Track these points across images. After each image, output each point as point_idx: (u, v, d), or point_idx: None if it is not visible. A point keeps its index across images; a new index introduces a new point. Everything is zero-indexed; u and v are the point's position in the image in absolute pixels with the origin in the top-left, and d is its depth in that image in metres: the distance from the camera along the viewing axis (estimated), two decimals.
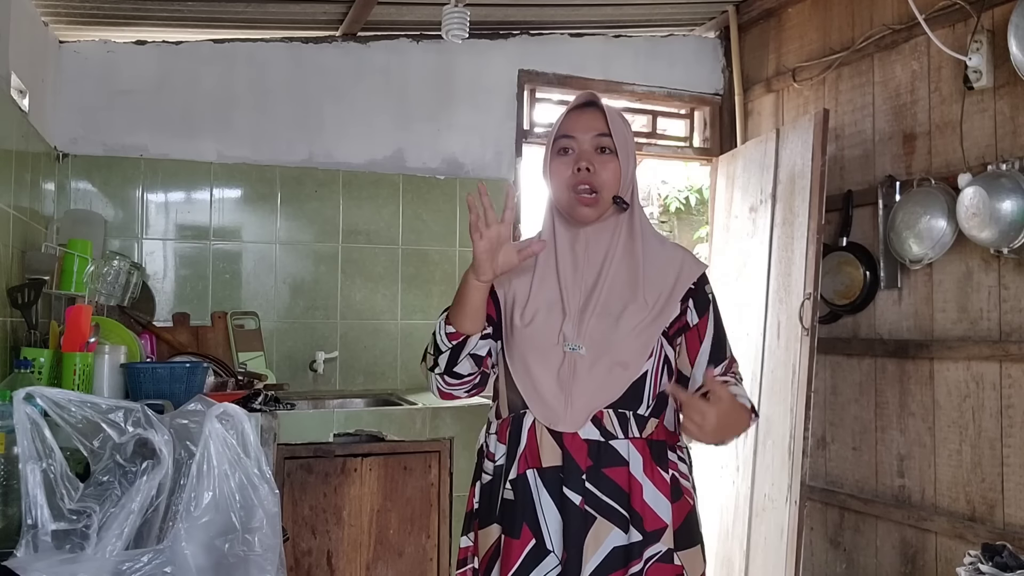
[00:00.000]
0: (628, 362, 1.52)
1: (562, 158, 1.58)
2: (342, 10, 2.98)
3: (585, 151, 1.56)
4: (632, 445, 1.51)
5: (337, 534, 2.44)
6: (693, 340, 1.59)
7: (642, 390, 1.53)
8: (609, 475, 1.50)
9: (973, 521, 2.59)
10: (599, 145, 1.56)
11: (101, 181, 2.91)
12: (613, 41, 3.62)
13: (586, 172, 1.54)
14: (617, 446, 1.51)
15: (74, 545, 1.24)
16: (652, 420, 1.54)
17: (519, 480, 1.53)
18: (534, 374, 1.54)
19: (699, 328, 1.59)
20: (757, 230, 3.28)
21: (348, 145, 3.22)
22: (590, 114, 1.59)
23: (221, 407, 1.41)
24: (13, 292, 2.13)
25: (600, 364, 1.51)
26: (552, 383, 1.52)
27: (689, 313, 1.58)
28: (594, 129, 1.57)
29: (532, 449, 1.53)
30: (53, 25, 2.79)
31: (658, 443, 1.54)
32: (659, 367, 1.56)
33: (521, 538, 1.51)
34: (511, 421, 1.58)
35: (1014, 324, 2.50)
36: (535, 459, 1.53)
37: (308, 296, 3.13)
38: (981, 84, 2.55)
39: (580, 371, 1.51)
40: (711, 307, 1.61)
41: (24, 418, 1.23)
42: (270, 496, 1.39)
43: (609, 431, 1.51)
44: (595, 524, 1.49)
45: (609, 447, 1.51)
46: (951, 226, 2.61)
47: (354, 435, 2.47)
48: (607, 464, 1.50)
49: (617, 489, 1.49)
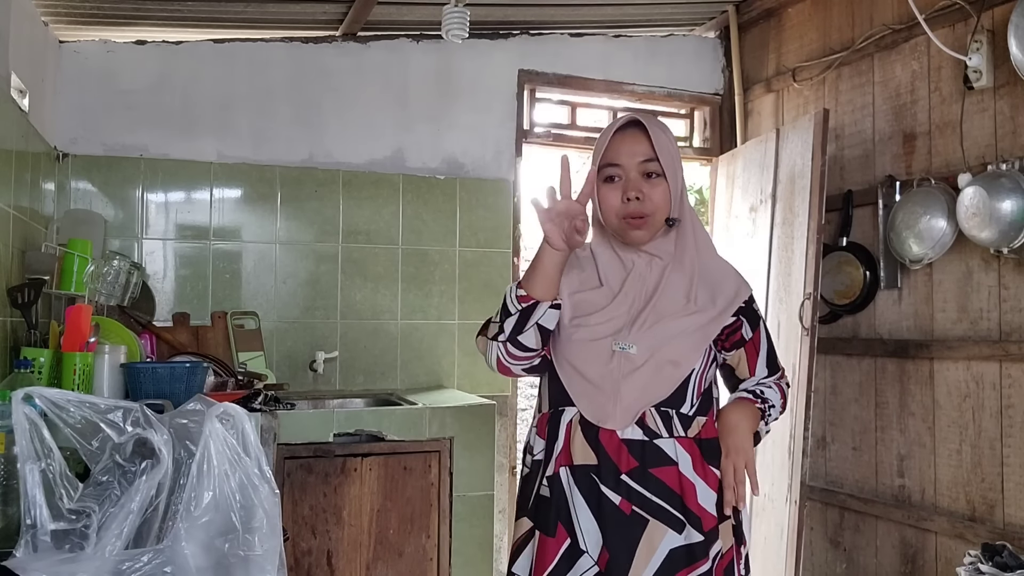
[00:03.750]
0: (679, 360, 1.53)
1: (610, 185, 1.58)
2: (342, 10, 2.98)
3: (632, 179, 1.56)
4: (679, 444, 1.52)
5: (337, 534, 2.44)
6: (751, 352, 1.64)
7: (686, 389, 1.54)
8: (658, 475, 1.49)
9: (973, 521, 2.59)
10: (646, 171, 1.55)
11: (101, 181, 2.91)
12: (613, 41, 3.62)
13: (636, 202, 1.54)
14: (663, 445, 1.51)
15: (73, 545, 1.24)
16: (699, 419, 1.55)
17: (554, 478, 1.54)
18: (583, 371, 1.55)
19: (754, 342, 1.64)
20: (757, 230, 3.28)
21: (348, 145, 3.22)
22: (633, 137, 1.57)
23: (221, 407, 1.41)
24: (13, 292, 2.13)
25: (650, 362, 1.52)
26: (601, 380, 1.53)
27: (744, 328, 1.62)
28: (640, 155, 1.55)
29: (566, 446, 1.54)
30: (53, 25, 2.79)
31: (709, 442, 1.55)
32: (706, 368, 1.58)
33: (556, 536, 1.51)
34: (550, 416, 1.59)
35: (1014, 324, 2.50)
36: (567, 457, 1.54)
37: (308, 296, 3.13)
38: (981, 84, 2.55)
39: (629, 369, 1.52)
40: (761, 323, 1.67)
41: (23, 418, 1.23)
42: (270, 496, 1.39)
43: (653, 430, 1.51)
44: (648, 527, 1.48)
45: (654, 446, 1.51)
46: (951, 226, 2.61)
47: (354, 435, 2.47)
48: (654, 464, 1.50)
49: (667, 490, 1.49)
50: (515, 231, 3.43)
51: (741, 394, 1.63)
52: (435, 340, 3.28)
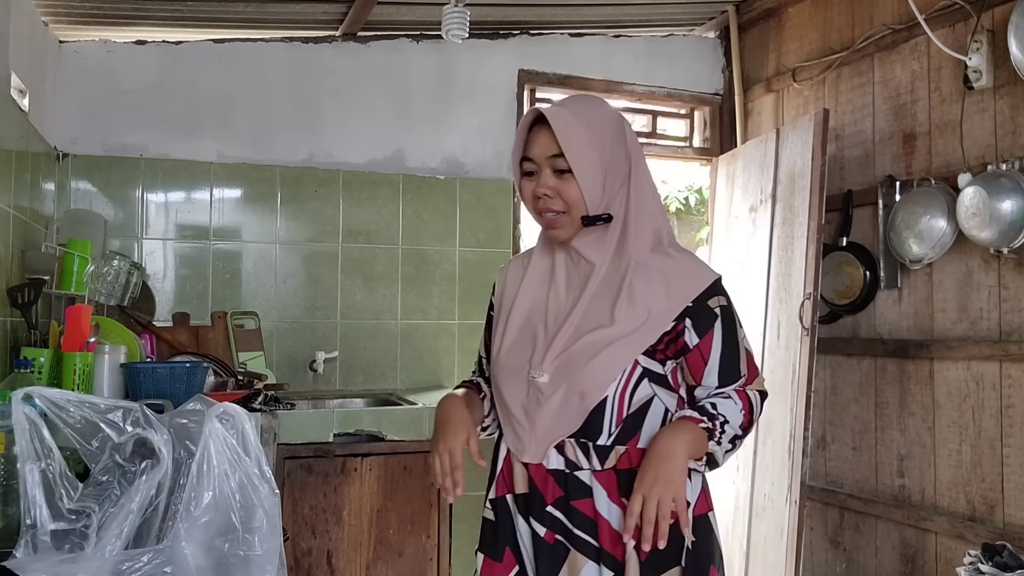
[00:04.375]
0: (586, 391, 1.42)
1: (527, 180, 1.50)
2: (342, 10, 2.98)
3: (544, 175, 1.47)
4: (595, 477, 1.44)
5: (337, 534, 2.44)
6: (696, 362, 1.46)
7: (601, 419, 1.43)
8: (577, 507, 1.44)
9: (973, 521, 2.59)
10: (555, 167, 1.45)
11: (101, 181, 2.91)
12: (613, 41, 3.62)
13: (545, 198, 1.47)
14: (582, 477, 1.45)
15: (73, 545, 1.24)
16: (617, 448, 1.44)
17: (499, 502, 1.52)
18: (506, 401, 1.51)
19: (701, 349, 1.45)
20: (757, 230, 3.28)
21: (348, 145, 3.22)
22: (543, 132, 1.46)
23: (221, 407, 1.41)
24: (13, 292, 2.13)
25: (559, 393, 1.44)
26: (519, 411, 1.48)
27: (687, 333, 1.44)
28: (547, 150, 1.45)
29: (507, 472, 1.52)
30: (53, 25, 2.79)
31: (630, 472, 1.41)
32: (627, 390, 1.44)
33: (504, 562, 1.50)
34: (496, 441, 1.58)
35: (1014, 324, 2.50)
36: (510, 484, 1.52)
37: (308, 296, 3.13)
38: (981, 84, 2.55)
39: (540, 400, 1.46)
40: (718, 323, 1.46)
41: (22, 418, 1.23)
42: (270, 496, 1.39)
43: (573, 461, 1.45)
44: (569, 556, 1.44)
45: (575, 478, 1.45)
46: (951, 226, 2.60)
47: (354, 435, 2.47)
48: (575, 496, 1.44)
49: (587, 520, 1.44)
50: (515, 231, 3.43)
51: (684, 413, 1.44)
52: (435, 340, 3.28)
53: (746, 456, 3.16)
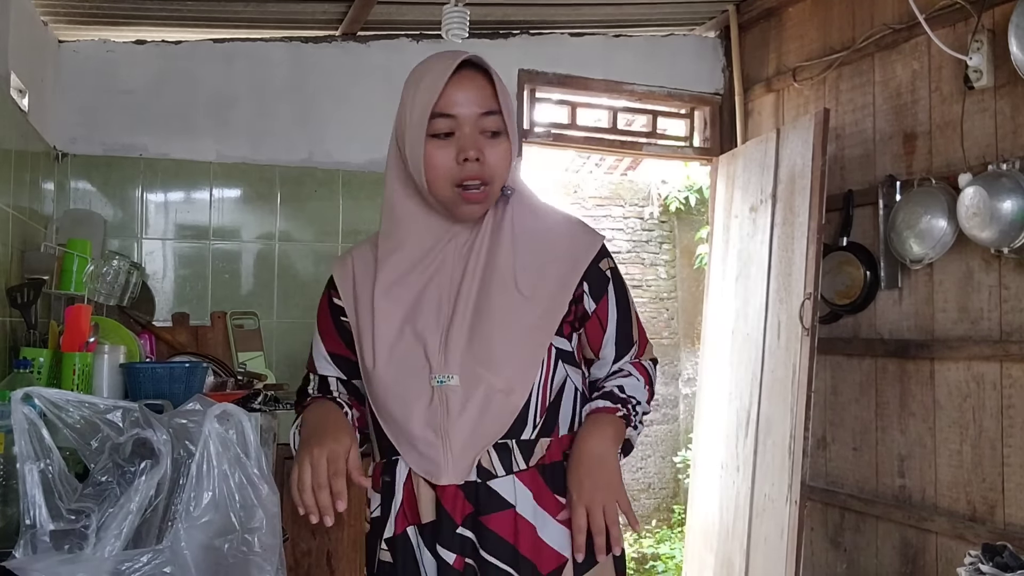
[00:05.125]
0: (512, 386, 1.22)
1: (440, 142, 1.23)
2: (342, 10, 2.98)
3: (469, 135, 1.22)
4: (518, 481, 1.23)
5: (337, 534, 2.43)
6: (595, 329, 1.32)
7: (527, 412, 1.24)
8: (488, 524, 1.22)
9: (973, 521, 2.59)
10: (486, 128, 1.23)
11: (100, 181, 2.90)
12: (613, 41, 3.62)
13: (475, 164, 1.21)
14: (498, 487, 1.23)
15: (73, 545, 1.23)
16: (542, 441, 1.26)
17: (398, 540, 1.29)
18: (401, 418, 1.25)
19: (599, 315, 1.31)
20: (757, 230, 3.28)
21: (348, 145, 3.22)
22: (473, 81, 1.24)
23: (221, 407, 1.41)
24: (12, 292, 2.13)
25: (476, 396, 1.22)
26: (423, 428, 1.23)
27: (586, 299, 1.29)
28: (480, 105, 1.22)
29: (410, 502, 1.27)
30: (53, 25, 2.79)
31: (554, 466, 1.26)
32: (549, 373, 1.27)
33: None
34: (383, 467, 1.33)
35: (1014, 324, 2.50)
36: (414, 514, 1.27)
37: (308, 296, 3.13)
38: (981, 84, 2.55)
39: (454, 408, 1.22)
40: (610, 286, 1.32)
41: (21, 418, 1.23)
42: (270, 496, 1.38)
43: (488, 470, 1.23)
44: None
45: (488, 489, 1.23)
46: (951, 226, 2.60)
47: None
48: (487, 510, 1.22)
49: (498, 541, 1.22)
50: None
51: (596, 404, 1.29)
52: None
53: (746, 456, 3.16)
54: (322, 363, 1.40)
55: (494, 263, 1.26)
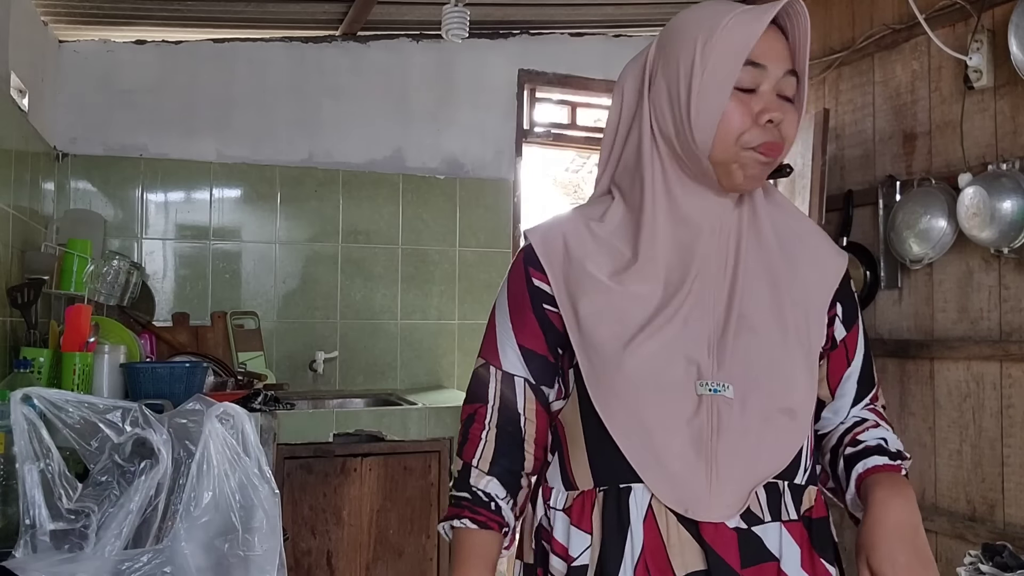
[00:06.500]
0: (796, 408, 1.01)
1: (743, 97, 1.00)
2: (342, 10, 2.98)
3: (770, 93, 1.03)
4: (785, 530, 1.01)
5: (337, 534, 2.44)
6: (838, 361, 1.10)
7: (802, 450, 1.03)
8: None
9: (973, 521, 2.59)
10: (783, 90, 1.04)
11: (101, 181, 2.91)
12: (613, 41, 3.62)
13: (776, 130, 1.03)
14: (763, 534, 0.99)
15: (73, 545, 1.24)
16: (810, 489, 1.05)
17: None
18: (653, 430, 0.99)
19: (847, 344, 1.10)
20: None
21: (348, 145, 3.22)
22: (775, 33, 1.02)
23: (221, 407, 1.41)
24: (13, 292, 2.13)
25: (754, 412, 0.99)
26: (684, 446, 0.98)
27: (837, 324, 1.09)
28: (784, 63, 1.03)
29: (655, 548, 0.98)
30: (53, 25, 2.79)
31: (820, 522, 1.06)
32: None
33: None
34: (605, 499, 1.02)
35: (1014, 324, 2.50)
36: (663, 563, 0.98)
37: (308, 296, 3.13)
38: (981, 84, 2.55)
39: (728, 426, 0.98)
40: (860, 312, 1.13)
41: (21, 419, 1.23)
42: (270, 496, 1.39)
43: (755, 514, 0.99)
44: None
45: (753, 537, 0.99)
46: (951, 226, 2.60)
47: (354, 435, 2.47)
48: (750, 561, 0.98)
49: None
50: (515, 231, 3.42)
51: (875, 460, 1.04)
52: (435, 340, 3.28)
53: None
54: (510, 357, 1.10)
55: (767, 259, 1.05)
